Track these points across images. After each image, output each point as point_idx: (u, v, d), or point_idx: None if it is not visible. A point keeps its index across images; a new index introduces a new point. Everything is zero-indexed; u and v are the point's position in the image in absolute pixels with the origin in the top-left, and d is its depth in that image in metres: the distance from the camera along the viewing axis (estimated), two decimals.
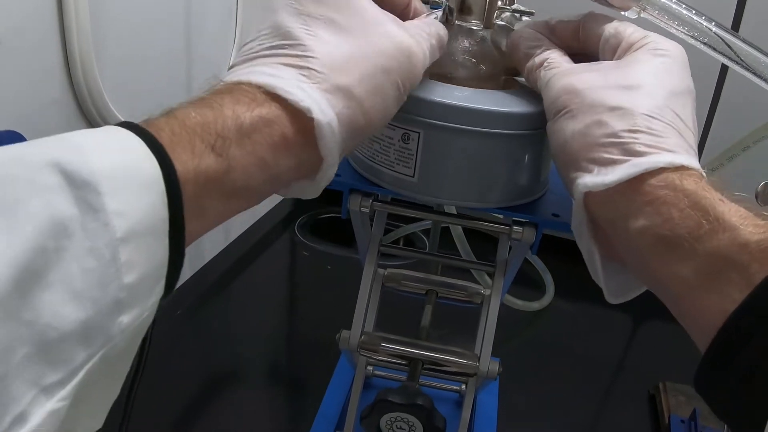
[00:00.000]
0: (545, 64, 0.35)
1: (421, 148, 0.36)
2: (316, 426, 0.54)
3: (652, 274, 0.29)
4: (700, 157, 0.31)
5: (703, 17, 0.35)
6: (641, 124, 0.29)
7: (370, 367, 0.58)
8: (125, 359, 0.22)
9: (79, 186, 0.19)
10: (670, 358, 0.74)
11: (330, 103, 0.28)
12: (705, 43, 0.35)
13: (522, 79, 0.39)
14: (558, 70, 0.34)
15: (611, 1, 0.35)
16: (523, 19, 0.39)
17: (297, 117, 0.27)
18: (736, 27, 0.74)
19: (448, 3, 0.39)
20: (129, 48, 0.58)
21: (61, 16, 0.49)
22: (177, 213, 0.22)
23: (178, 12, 0.65)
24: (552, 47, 0.36)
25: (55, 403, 0.19)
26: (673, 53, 0.32)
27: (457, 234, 0.68)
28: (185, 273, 0.78)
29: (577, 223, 0.32)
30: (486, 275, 0.70)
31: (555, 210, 0.39)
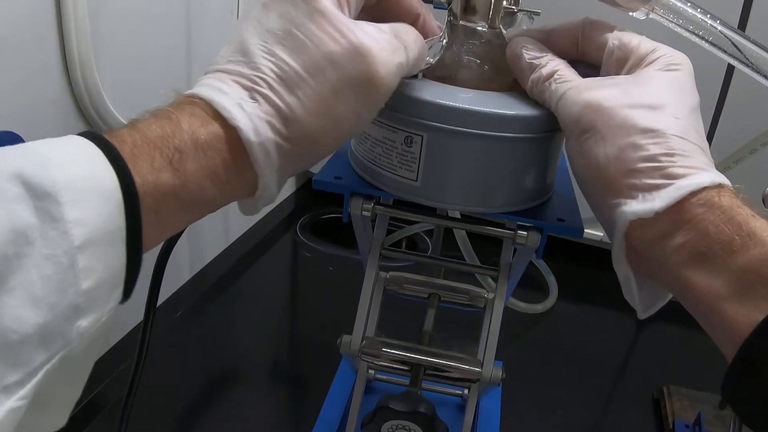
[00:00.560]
0: (555, 77, 0.34)
1: (425, 151, 0.36)
2: (316, 431, 0.53)
3: (683, 286, 0.29)
4: None
5: (707, 15, 0.34)
6: (676, 146, 0.30)
7: (371, 371, 0.57)
8: (86, 361, 0.24)
9: (40, 196, 0.21)
10: (674, 361, 0.74)
11: (269, 125, 0.27)
12: (711, 43, 0.34)
13: None
14: (572, 84, 0.33)
15: (619, 1, 0.35)
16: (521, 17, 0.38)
17: (237, 136, 0.27)
18: (742, 27, 0.73)
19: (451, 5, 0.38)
20: (128, 47, 0.57)
21: (59, 15, 0.48)
22: (135, 222, 0.23)
23: (178, 11, 0.64)
24: (556, 58, 0.35)
25: (14, 401, 0.20)
26: (684, 66, 0.33)
27: (461, 237, 0.67)
28: (185, 274, 0.78)
29: (617, 249, 0.32)
30: (489, 278, 0.69)
31: (560, 214, 0.39)
